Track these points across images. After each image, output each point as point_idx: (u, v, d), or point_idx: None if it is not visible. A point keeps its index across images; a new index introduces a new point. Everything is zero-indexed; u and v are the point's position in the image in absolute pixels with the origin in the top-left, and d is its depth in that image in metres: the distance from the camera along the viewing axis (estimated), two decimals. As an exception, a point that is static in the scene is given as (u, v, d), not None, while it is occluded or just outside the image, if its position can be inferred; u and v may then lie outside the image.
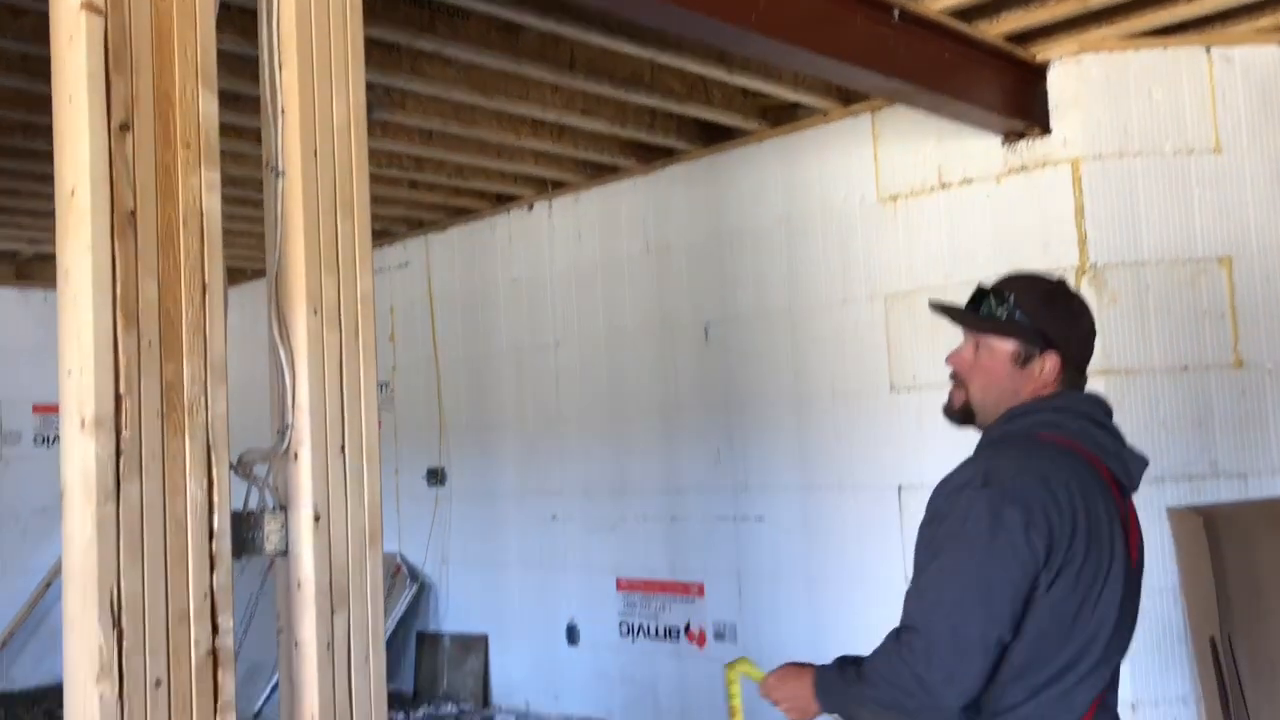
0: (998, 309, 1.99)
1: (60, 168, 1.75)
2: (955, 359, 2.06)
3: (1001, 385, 1.99)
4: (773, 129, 5.02)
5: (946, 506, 1.87)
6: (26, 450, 7.58)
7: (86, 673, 1.66)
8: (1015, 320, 1.97)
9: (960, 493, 1.85)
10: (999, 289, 2.02)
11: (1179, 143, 4.18)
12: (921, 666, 1.78)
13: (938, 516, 1.88)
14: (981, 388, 2.02)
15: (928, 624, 1.80)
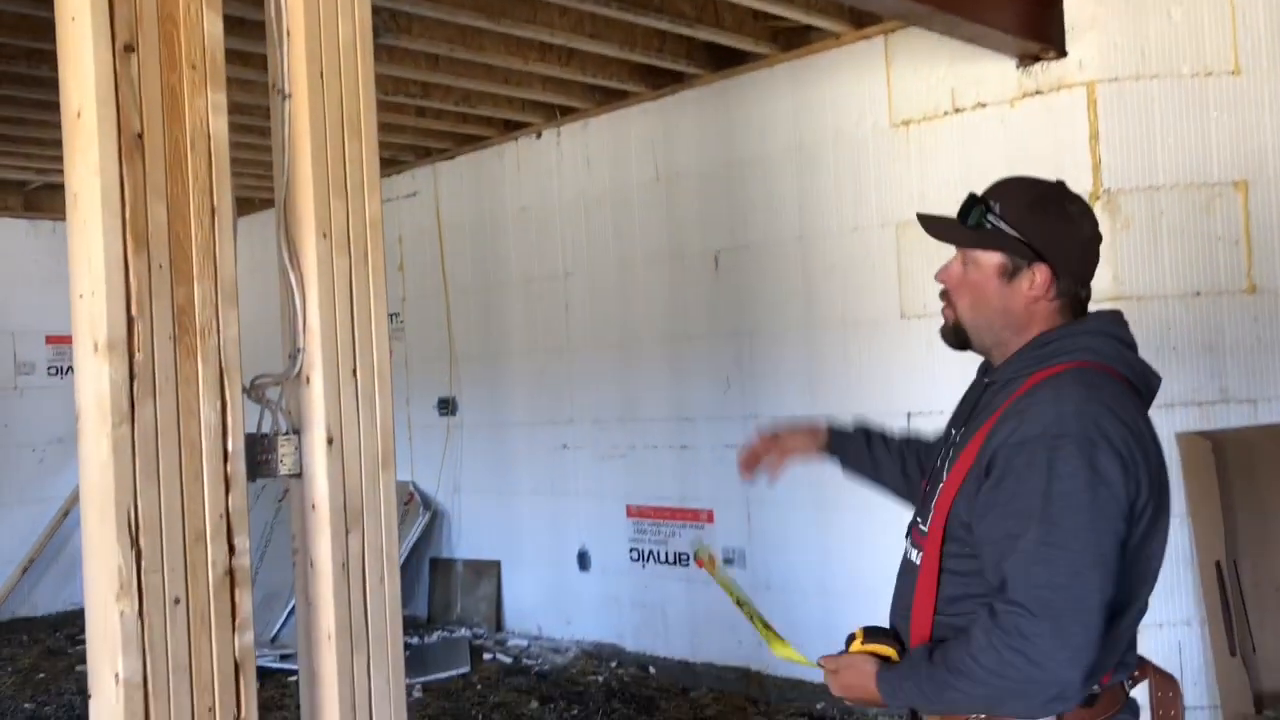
0: (985, 218, 1.81)
1: (65, 90, 1.74)
2: (944, 274, 1.89)
3: (990, 303, 1.81)
4: (784, 53, 4.95)
5: (1022, 462, 1.63)
6: (41, 380, 7.63)
7: (107, 591, 1.70)
8: (999, 230, 1.79)
9: (1038, 445, 1.62)
10: (985, 196, 1.84)
11: (1197, 65, 4.11)
12: (1041, 652, 1.56)
13: (1010, 473, 1.64)
14: (970, 305, 1.84)
15: (1046, 605, 1.56)
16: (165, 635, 1.73)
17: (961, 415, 1.93)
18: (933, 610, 1.77)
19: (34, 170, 6.75)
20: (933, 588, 1.77)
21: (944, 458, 1.87)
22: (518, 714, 5.08)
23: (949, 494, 1.76)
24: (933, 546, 1.77)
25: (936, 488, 1.82)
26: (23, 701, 5.76)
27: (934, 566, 1.77)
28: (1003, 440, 1.67)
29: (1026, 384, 1.73)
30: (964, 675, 1.63)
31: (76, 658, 6.57)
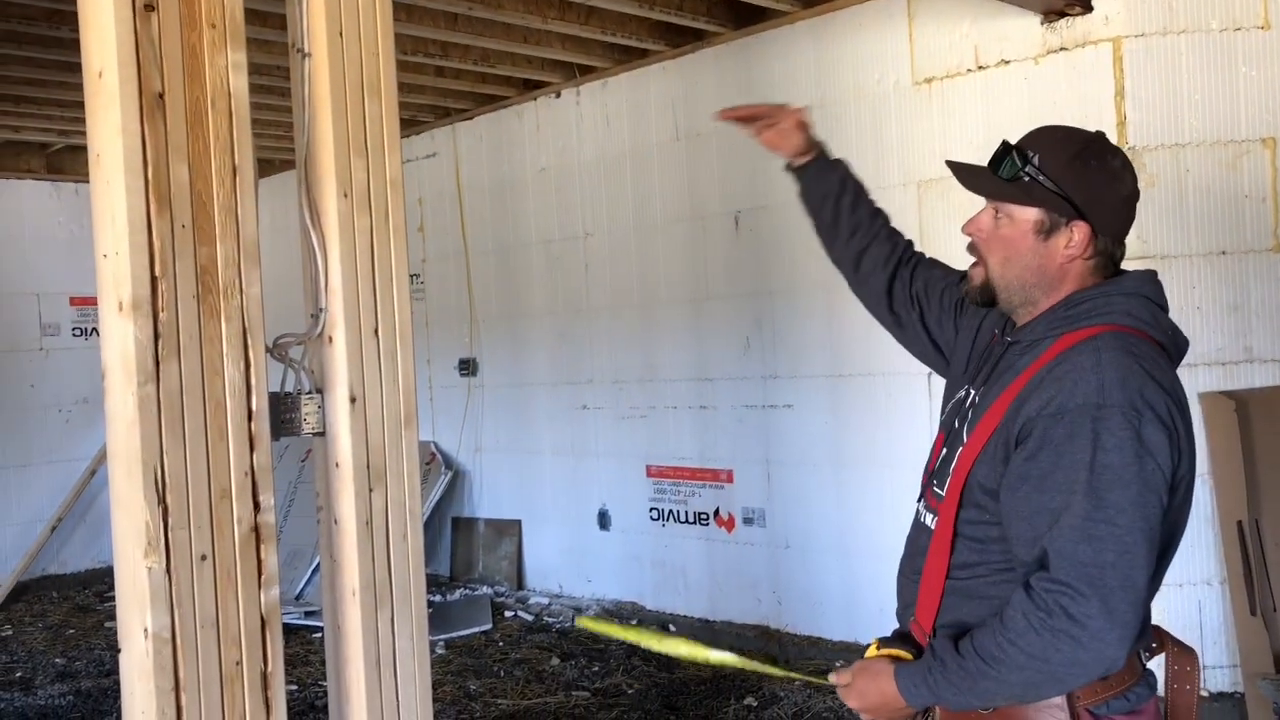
0: (1022, 169, 1.71)
1: (87, 50, 1.74)
2: (972, 226, 1.78)
3: (1024, 260, 1.72)
4: (805, 9, 4.89)
5: (1062, 433, 1.55)
6: (66, 341, 7.70)
7: (135, 547, 1.72)
8: (1039, 183, 1.69)
9: (1080, 415, 1.55)
10: (1022, 146, 1.73)
11: (1226, 19, 4.04)
12: (1091, 633, 1.49)
13: (1048, 444, 1.56)
14: (1001, 262, 1.74)
15: (1095, 584, 1.49)
16: (192, 590, 1.76)
17: (977, 374, 1.85)
18: (944, 575, 1.73)
19: (56, 132, 6.77)
20: (946, 553, 1.73)
21: (962, 418, 1.81)
22: (539, 670, 5.14)
23: (969, 458, 1.70)
24: (948, 511, 1.72)
25: (955, 450, 1.76)
26: (53, 657, 5.87)
27: (948, 532, 1.72)
28: (1038, 409, 1.59)
29: (1055, 346, 1.67)
30: (1002, 662, 1.54)
31: (105, 614, 6.68)
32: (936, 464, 1.85)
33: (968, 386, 1.87)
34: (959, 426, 1.81)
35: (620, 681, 4.91)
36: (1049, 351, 1.67)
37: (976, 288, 1.79)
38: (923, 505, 1.85)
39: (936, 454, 1.87)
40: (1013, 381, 1.69)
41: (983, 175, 1.76)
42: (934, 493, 1.80)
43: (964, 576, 1.72)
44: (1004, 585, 1.66)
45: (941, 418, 1.96)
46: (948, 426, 1.87)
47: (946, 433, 1.86)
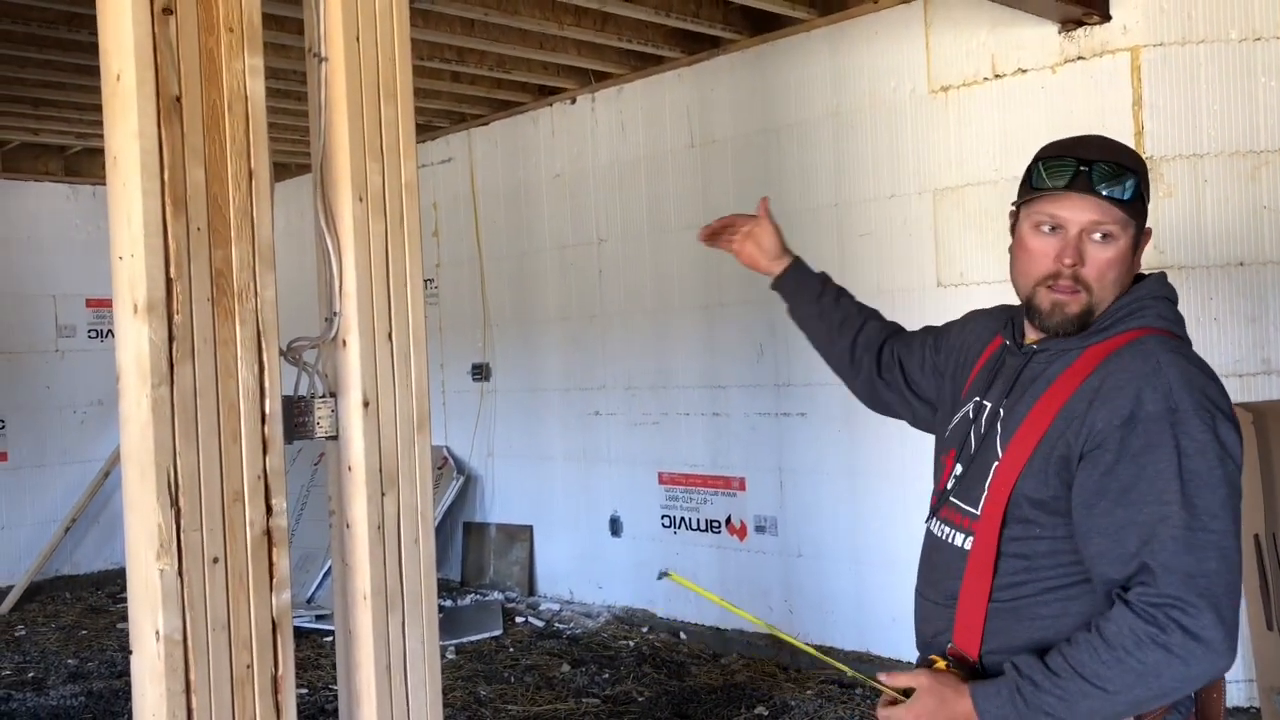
0: (1144, 191, 1.66)
1: (105, 52, 1.75)
2: (1105, 263, 1.64)
3: (1123, 279, 1.68)
4: (822, 17, 4.88)
5: (1139, 444, 1.52)
6: (81, 343, 7.74)
7: (147, 550, 1.72)
8: (1143, 200, 1.67)
9: (1156, 423, 1.52)
10: (1126, 164, 1.65)
11: (1245, 29, 4.02)
12: (1210, 644, 1.45)
13: (1125, 456, 1.53)
14: (1111, 284, 1.66)
15: (1205, 594, 1.47)
16: (204, 593, 1.76)
17: (988, 386, 1.80)
18: (988, 597, 1.66)
19: (74, 135, 6.82)
20: (988, 574, 1.66)
21: (980, 433, 1.76)
22: (549, 676, 5.13)
23: (1010, 473, 1.65)
24: (989, 530, 1.67)
25: (986, 465, 1.70)
26: (66, 657, 5.88)
27: (991, 552, 1.66)
28: (1107, 420, 1.55)
29: (1091, 353, 1.65)
30: (1110, 680, 1.49)
31: (117, 615, 6.70)
32: (950, 482, 1.79)
33: (977, 400, 1.81)
34: (978, 442, 1.76)
35: (630, 689, 4.90)
36: (1084, 359, 1.65)
37: (1076, 316, 1.67)
38: (946, 526, 1.78)
39: (948, 472, 1.81)
40: (1047, 390, 1.66)
41: (1121, 196, 1.65)
42: (963, 511, 1.74)
43: (1009, 598, 1.66)
44: (1055, 604, 1.63)
45: (944, 435, 1.90)
46: (958, 443, 1.81)
47: (958, 449, 1.80)
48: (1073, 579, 1.63)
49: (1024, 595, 1.65)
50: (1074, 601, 1.63)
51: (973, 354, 1.92)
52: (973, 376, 1.88)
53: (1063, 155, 1.68)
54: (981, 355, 1.89)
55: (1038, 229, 1.68)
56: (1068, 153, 1.68)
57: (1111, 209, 1.64)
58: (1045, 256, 1.67)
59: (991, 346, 1.88)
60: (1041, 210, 1.68)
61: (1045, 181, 1.67)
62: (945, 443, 1.88)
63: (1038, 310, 1.69)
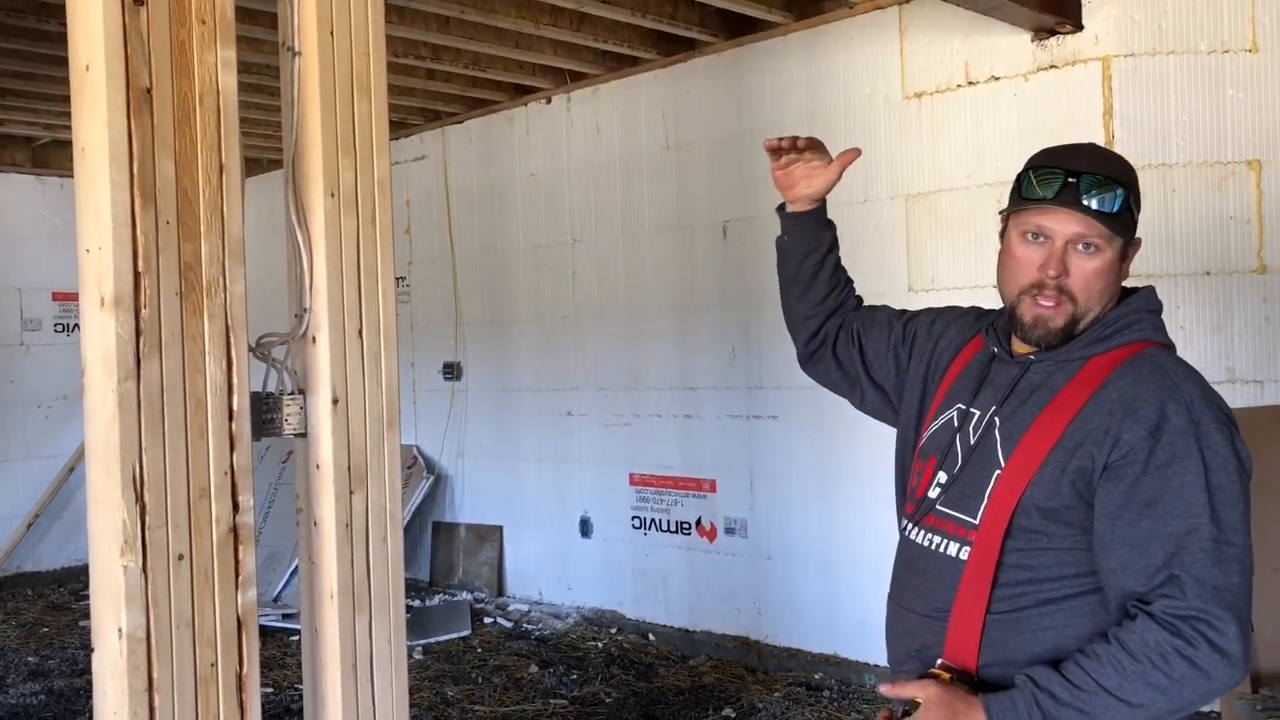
0: (1125, 202, 1.65)
1: (74, 43, 1.73)
2: (1078, 270, 1.64)
3: (1110, 289, 1.68)
4: (798, 21, 4.90)
5: (1165, 455, 1.53)
6: (47, 337, 7.65)
7: (111, 546, 1.70)
8: (1130, 211, 1.66)
9: (1181, 436, 1.53)
10: (1113, 176, 1.65)
11: (1214, 41, 4.07)
12: (1235, 655, 1.47)
13: (1152, 468, 1.53)
14: (1096, 295, 1.66)
15: (1230, 607, 1.48)
16: (168, 591, 1.74)
17: (974, 394, 1.77)
18: (985, 610, 1.63)
19: (42, 126, 6.73)
20: (987, 586, 1.63)
21: (968, 440, 1.72)
22: (517, 677, 5.11)
23: (1018, 482, 1.62)
24: (990, 541, 1.63)
25: (985, 474, 1.67)
26: (26, 655, 5.81)
27: (992, 563, 1.63)
28: (1133, 433, 1.54)
29: (1095, 364, 1.65)
30: (1133, 693, 1.47)
31: (80, 612, 6.62)
32: (934, 490, 1.75)
33: (961, 407, 1.78)
34: (967, 450, 1.73)
35: (598, 690, 4.89)
36: (1090, 370, 1.65)
37: (1060, 329, 1.67)
38: (935, 535, 1.73)
39: (928, 479, 1.77)
40: (1053, 400, 1.65)
41: (1107, 209, 1.64)
42: (957, 521, 1.70)
43: (1008, 609, 1.63)
44: (1057, 615, 1.61)
45: (912, 439, 1.87)
46: (939, 450, 1.77)
47: (940, 456, 1.76)
48: (1077, 590, 1.62)
49: (1024, 607, 1.62)
50: (1075, 614, 1.61)
51: (946, 358, 1.90)
52: (949, 382, 1.85)
53: (1053, 165, 1.67)
54: (956, 360, 1.87)
55: (1025, 237, 1.69)
56: (1058, 163, 1.68)
57: (1097, 223, 1.63)
58: (1030, 265, 1.68)
59: (967, 351, 1.86)
60: (1029, 220, 1.68)
61: (1035, 191, 1.67)
62: (921, 449, 1.83)
63: (1021, 322, 1.70)
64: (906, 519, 1.82)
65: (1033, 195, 1.67)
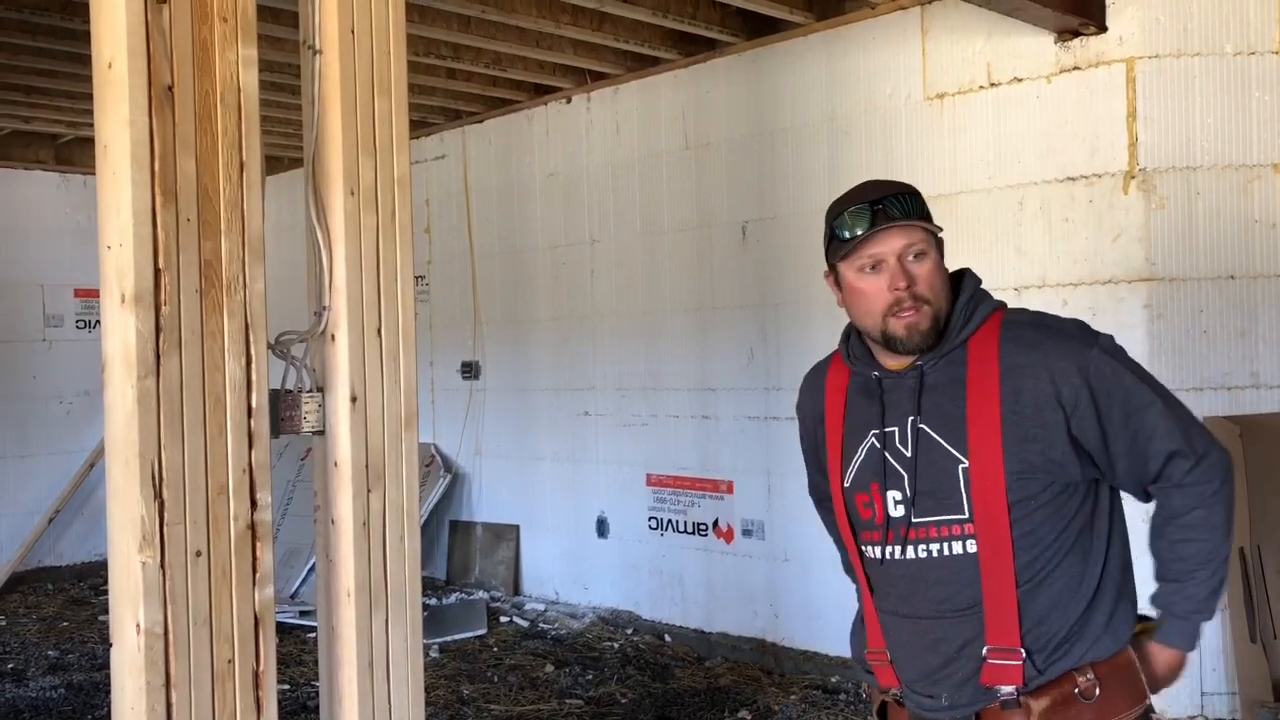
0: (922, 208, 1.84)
1: (97, 40, 1.73)
2: (921, 278, 1.79)
3: (947, 283, 1.85)
4: (819, 22, 4.88)
5: (1105, 372, 1.76)
6: (69, 333, 7.70)
7: (129, 542, 1.71)
8: (929, 216, 1.86)
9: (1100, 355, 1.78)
10: (902, 192, 1.84)
11: (1240, 43, 4.03)
12: (1222, 456, 1.80)
13: (1101, 391, 1.76)
14: (941, 294, 1.82)
15: (1194, 429, 1.79)
16: (186, 587, 1.74)
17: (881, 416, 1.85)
18: (1015, 584, 1.74)
19: (65, 124, 6.78)
20: (1009, 562, 1.74)
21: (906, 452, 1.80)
22: (533, 677, 5.11)
23: (992, 463, 1.73)
24: (995, 523, 1.74)
25: (948, 471, 1.76)
26: (46, 649, 5.85)
27: (1006, 540, 1.74)
28: (1070, 385, 1.74)
29: (979, 340, 1.80)
30: (1216, 530, 1.78)
31: (99, 607, 6.66)
32: (894, 509, 1.82)
33: (876, 431, 1.85)
34: (907, 461, 1.81)
35: (614, 690, 4.89)
36: (977, 350, 1.80)
37: (930, 329, 1.80)
38: (928, 544, 1.80)
39: (880, 503, 1.83)
40: (968, 388, 1.78)
41: (916, 216, 1.82)
42: (944, 522, 1.78)
43: (1029, 576, 1.75)
44: (1064, 559, 1.77)
45: (840, 477, 1.91)
46: (876, 473, 1.84)
47: (880, 480, 1.83)
48: (1072, 535, 1.78)
49: (1041, 569, 1.75)
50: (1072, 555, 1.77)
51: (817, 412, 2.01)
52: (835, 423, 1.94)
53: (855, 204, 1.83)
54: (826, 407, 1.97)
55: (862, 272, 1.82)
56: (856, 201, 1.84)
57: (913, 230, 1.80)
58: (880, 291, 1.80)
59: (833, 393, 1.97)
60: (860, 255, 1.81)
61: (853, 230, 1.81)
62: (853, 483, 1.89)
63: (895, 338, 1.81)
64: (876, 545, 1.88)
65: (852, 234, 1.81)
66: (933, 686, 1.81)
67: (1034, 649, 1.75)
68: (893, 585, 1.86)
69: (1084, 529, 1.79)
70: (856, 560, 1.94)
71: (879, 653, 1.91)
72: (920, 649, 1.83)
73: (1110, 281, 4.08)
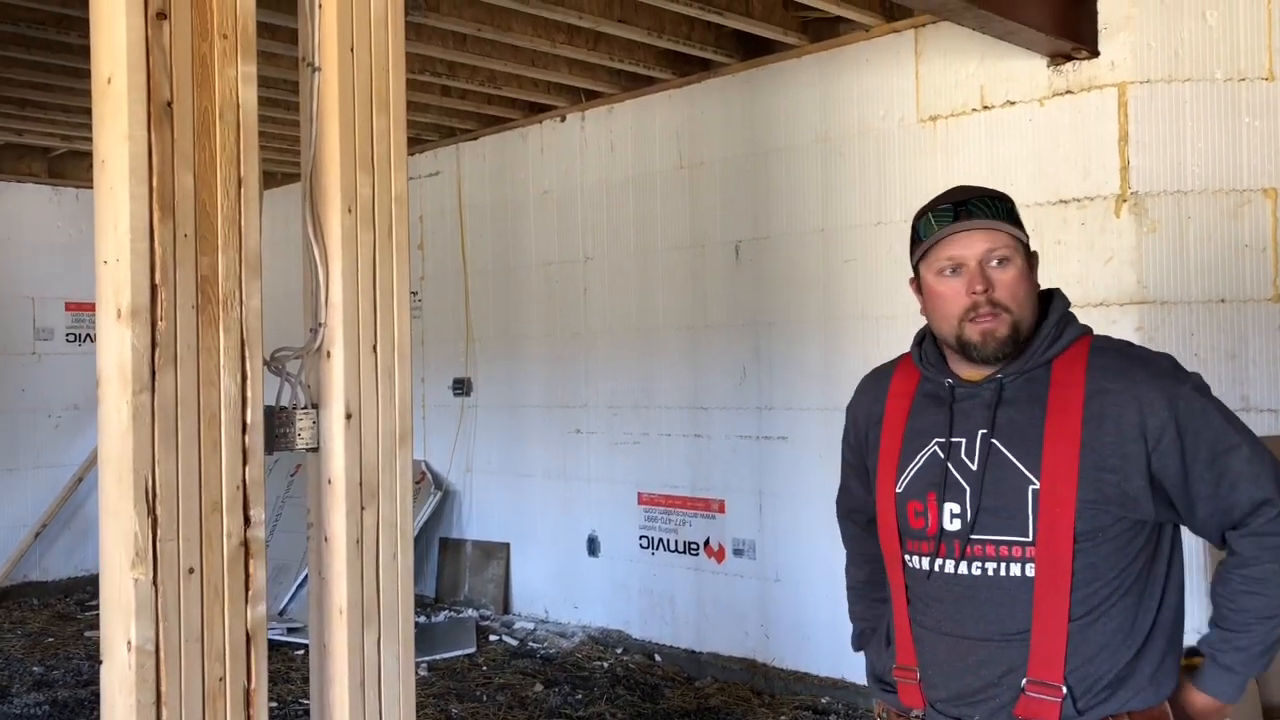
0: (1017, 214, 1.79)
1: (97, 55, 1.73)
2: (1012, 282, 1.74)
3: (1034, 297, 1.79)
4: (813, 44, 4.92)
5: (1185, 419, 1.70)
6: (59, 347, 7.67)
7: (122, 558, 1.70)
8: (1020, 223, 1.81)
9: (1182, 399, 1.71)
10: (989, 195, 1.79)
11: (1231, 69, 4.07)
12: None
13: (1187, 431, 1.69)
14: (1026, 303, 1.76)
15: None
16: (179, 604, 1.73)
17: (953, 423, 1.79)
18: (1068, 618, 1.68)
19: (59, 137, 6.77)
20: (1065, 594, 1.68)
21: (970, 466, 1.74)
22: (522, 696, 5.09)
23: (1064, 488, 1.67)
24: (1057, 551, 1.67)
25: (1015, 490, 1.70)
26: (31, 665, 5.80)
27: (1066, 571, 1.67)
28: (1156, 418, 1.68)
29: (1057, 366, 1.75)
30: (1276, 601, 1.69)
31: (85, 623, 6.62)
32: (951, 521, 1.75)
33: (941, 440, 1.80)
34: (971, 475, 1.74)
35: (603, 710, 4.87)
36: (1063, 371, 1.75)
37: (1007, 337, 1.75)
38: (983, 562, 1.74)
39: (935, 514, 1.77)
40: (1048, 407, 1.72)
41: (1002, 223, 1.77)
42: (1002, 542, 1.72)
43: (1084, 611, 1.69)
44: (1120, 599, 1.71)
45: (903, 481, 1.84)
46: (935, 483, 1.78)
47: (938, 489, 1.77)
48: (1132, 575, 1.72)
49: (1096, 606, 1.70)
50: (1128, 596, 1.72)
51: (874, 415, 1.95)
52: (895, 426, 1.88)
53: (936, 207, 1.80)
54: (886, 410, 1.91)
55: (941, 275, 1.78)
56: (942, 203, 1.80)
57: (998, 234, 1.75)
58: (958, 295, 1.76)
59: (897, 399, 1.90)
60: (939, 256, 1.78)
61: (934, 229, 1.78)
62: (906, 489, 1.82)
63: (970, 344, 1.76)
64: (925, 556, 1.80)
65: (932, 233, 1.78)
66: (967, 708, 1.75)
67: (1076, 688, 1.68)
68: (938, 600, 1.78)
69: (1143, 572, 1.73)
70: (898, 571, 1.85)
71: (908, 670, 1.83)
72: (960, 669, 1.76)
73: (1102, 304, 4.10)
